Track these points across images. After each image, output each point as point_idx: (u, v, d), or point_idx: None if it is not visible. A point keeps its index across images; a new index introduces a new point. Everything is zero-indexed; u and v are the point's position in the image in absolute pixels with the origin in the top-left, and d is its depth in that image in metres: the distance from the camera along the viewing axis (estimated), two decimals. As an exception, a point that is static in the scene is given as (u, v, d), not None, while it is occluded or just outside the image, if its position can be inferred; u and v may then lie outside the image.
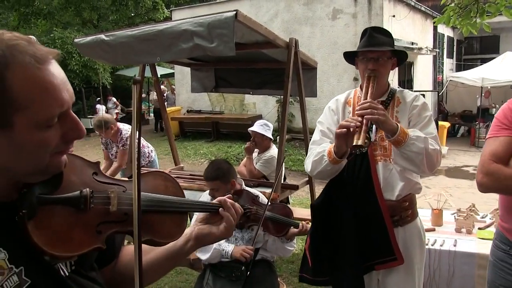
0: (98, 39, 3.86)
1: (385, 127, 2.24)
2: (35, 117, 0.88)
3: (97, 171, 1.12)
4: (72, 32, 18.00)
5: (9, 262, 0.91)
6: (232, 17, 3.16)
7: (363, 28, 6.87)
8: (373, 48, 2.44)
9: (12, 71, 0.85)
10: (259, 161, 4.95)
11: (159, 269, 1.28)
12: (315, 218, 2.70)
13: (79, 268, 1.07)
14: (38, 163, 0.93)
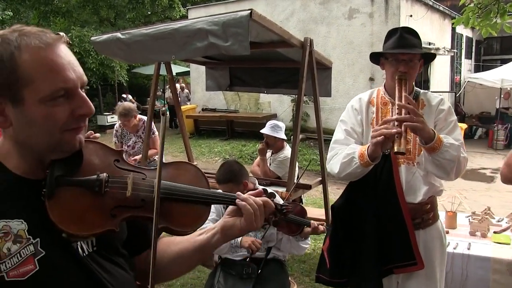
0: (114, 37, 3.89)
1: (422, 134, 2.16)
2: (40, 92, 0.99)
3: (120, 158, 1.20)
4: (90, 31, 18.18)
5: (27, 233, 1.02)
6: (247, 16, 3.16)
7: (380, 28, 6.78)
8: (406, 51, 2.37)
9: (20, 51, 0.98)
10: (273, 162, 4.94)
11: (188, 261, 1.31)
12: (335, 219, 2.67)
13: (100, 250, 1.15)
14: (50, 138, 1.03)
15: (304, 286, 4.46)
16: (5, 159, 1.08)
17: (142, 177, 1.18)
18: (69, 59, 1.04)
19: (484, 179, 9.86)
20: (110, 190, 1.11)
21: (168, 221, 1.18)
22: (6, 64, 0.98)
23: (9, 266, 0.99)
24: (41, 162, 1.08)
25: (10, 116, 1.02)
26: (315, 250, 5.43)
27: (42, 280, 1.02)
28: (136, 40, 3.76)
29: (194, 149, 13.21)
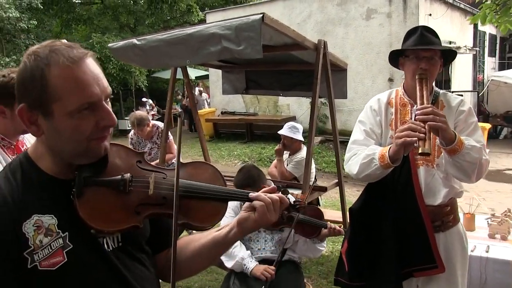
0: (130, 43, 3.96)
1: (444, 135, 2.13)
2: (67, 107, 1.09)
3: (142, 160, 1.31)
4: (110, 37, 18.49)
5: (57, 227, 1.13)
6: (259, 20, 3.18)
7: (398, 28, 6.74)
8: (428, 47, 2.34)
9: (49, 69, 1.08)
10: (290, 163, 4.96)
11: (207, 256, 1.38)
12: (354, 222, 2.65)
13: (125, 246, 1.25)
14: (77, 146, 1.14)
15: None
16: (39, 161, 1.19)
17: (163, 177, 1.28)
18: (94, 74, 1.13)
19: (509, 180, 9.66)
20: (133, 189, 1.21)
21: (188, 217, 1.27)
22: (37, 82, 1.08)
23: (41, 257, 1.09)
24: (70, 165, 1.18)
25: (42, 126, 1.13)
26: (333, 252, 5.41)
27: (70, 271, 1.12)
28: (152, 46, 3.81)
29: (213, 152, 13.32)
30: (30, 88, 1.10)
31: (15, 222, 1.10)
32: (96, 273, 1.17)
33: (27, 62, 1.11)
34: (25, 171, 1.17)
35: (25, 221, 1.10)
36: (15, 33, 17.91)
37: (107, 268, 1.19)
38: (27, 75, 1.10)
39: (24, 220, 1.10)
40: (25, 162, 1.20)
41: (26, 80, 1.10)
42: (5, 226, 1.08)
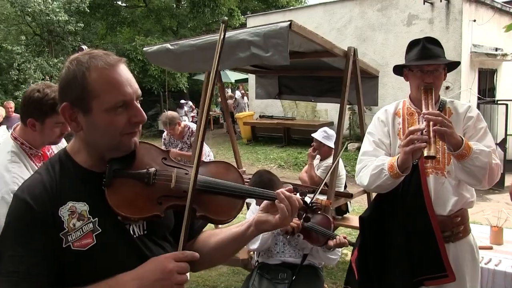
0: (163, 48, 4.10)
1: (450, 140, 2.14)
2: (105, 103, 1.24)
3: (167, 157, 1.44)
4: (153, 39, 18.98)
5: (89, 213, 1.27)
6: (287, 27, 3.24)
7: (440, 34, 6.67)
8: (431, 62, 2.36)
9: (89, 71, 1.25)
10: (320, 167, 4.99)
11: (226, 250, 1.51)
12: (364, 230, 2.65)
13: (150, 234, 1.38)
14: (111, 140, 1.29)
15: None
16: (75, 156, 1.35)
17: (185, 172, 1.40)
18: (127, 76, 1.30)
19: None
20: (157, 182, 1.34)
21: (206, 210, 1.38)
22: (79, 82, 1.25)
23: (74, 238, 1.25)
24: (103, 159, 1.33)
25: (81, 122, 1.29)
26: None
27: (98, 252, 1.26)
28: (184, 51, 3.94)
29: (250, 155, 13.43)
30: (72, 88, 1.26)
31: (53, 207, 1.26)
32: (122, 255, 1.30)
33: (70, 67, 1.28)
34: (63, 164, 1.34)
35: (61, 206, 1.26)
36: (64, 35, 18.69)
37: (132, 252, 1.31)
38: (70, 77, 1.26)
39: (60, 206, 1.26)
40: (63, 156, 1.36)
41: (70, 81, 1.26)
42: (45, 209, 1.24)
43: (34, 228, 1.23)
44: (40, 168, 1.38)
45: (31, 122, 2.30)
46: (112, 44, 20.40)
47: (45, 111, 2.27)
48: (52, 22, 17.52)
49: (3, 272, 1.21)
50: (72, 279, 1.27)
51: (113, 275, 1.26)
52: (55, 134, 2.37)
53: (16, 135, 2.38)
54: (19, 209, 1.26)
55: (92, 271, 1.26)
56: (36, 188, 1.28)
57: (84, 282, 1.25)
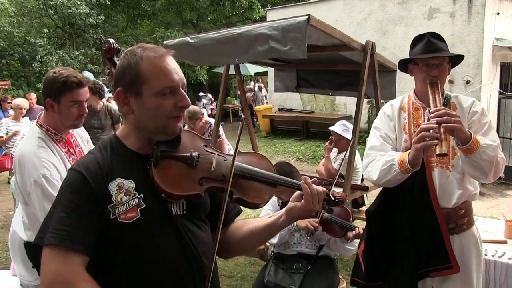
0: (184, 41, 4.18)
1: (459, 135, 2.17)
2: (154, 88, 1.40)
3: (207, 144, 1.60)
4: (173, 32, 19.12)
5: (135, 189, 1.41)
6: (304, 21, 3.28)
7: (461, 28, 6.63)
8: (437, 55, 2.39)
9: (142, 60, 1.41)
10: (337, 160, 5.01)
11: (258, 237, 1.64)
12: (370, 224, 2.71)
13: (189, 215, 1.51)
14: (159, 123, 1.43)
15: (360, 286, 4.48)
16: (125, 139, 1.50)
17: (224, 159, 1.56)
18: (174, 66, 1.45)
19: None
20: (199, 165, 1.49)
21: (242, 194, 1.53)
22: (133, 69, 1.41)
23: (120, 211, 1.38)
24: (150, 142, 1.47)
25: (132, 106, 1.44)
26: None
27: (141, 225, 1.39)
28: (204, 44, 4.01)
29: (268, 148, 13.48)
30: (126, 74, 1.42)
31: (104, 182, 1.40)
32: (162, 229, 1.43)
33: (125, 57, 1.45)
34: (113, 146, 1.49)
35: (110, 182, 1.41)
36: (85, 28, 18.96)
37: (169, 228, 1.45)
38: (125, 65, 1.43)
39: (110, 181, 1.41)
40: (114, 140, 1.52)
41: (124, 69, 1.43)
42: (97, 183, 1.39)
43: (87, 198, 1.37)
44: (93, 149, 1.53)
45: (49, 103, 2.46)
46: (133, 36, 20.61)
47: (58, 88, 2.41)
48: (74, 15, 17.79)
49: (52, 229, 1.34)
50: (111, 255, 1.41)
51: (151, 250, 1.41)
52: (73, 115, 2.49)
53: (41, 122, 2.52)
54: (75, 179, 1.40)
55: (132, 245, 1.40)
56: (91, 164, 1.42)
57: (123, 258, 1.40)
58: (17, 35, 17.55)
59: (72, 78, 2.43)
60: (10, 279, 3.80)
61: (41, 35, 18.23)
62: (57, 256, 1.31)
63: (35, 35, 18.15)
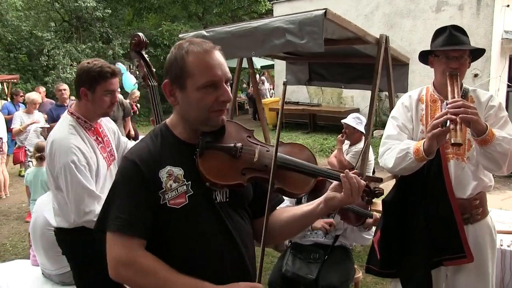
0: (199, 34, 4.22)
1: (476, 126, 2.20)
2: (197, 82, 1.46)
3: (251, 135, 1.66)
4: (179, 25, 19.16)
5: (183, 177, 1.50)
6: (322, 15, 3.32)
7: (470, 21, 6.64)
8: (457, 47, 2.41)
9: (188, 54, 1.47)
10: (349, 153, 5.05)
11: (297, 225, 1.69)
12: (386, 213, 2.75)
13: (232, 203, 1.59)
14: (201, 115, 1.50)
15: (372, 277, 4.54)
16: (174, 128, 1.58)
17: (266, 150, 1.61)
18: (219, 61, 1.50)
19: None
20: (242, 155, 1.55)
21: (283, 184, 1.58)
22: (179, 63, 1.48)
23: (170, 197, 1.48)
24: (196, 132, 1.54)
25: (177, 97, 1.52)
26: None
27: (189, 211, 1.48)
28: (220, 38, 4.05)
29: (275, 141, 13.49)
30: (173, 67, 1.50)
31: (155, 169, 1.49)
32: (207, 216, 1.52)
33: (173, 51, 1.52)
34: (164, 135, 1.57)
35: (161, 169, 1.49)
36: (91, 22, 18.99)
37: (213, 215, 1.53)
38: (172, 59, 1.50)
39: (160, 168, 1.49)
40: (163, 128, 1.60)
41: (172, 62, 1.50)
42: (149, 170, 1.48)
43: (140, 184, 1.47)
44: (145, 138, 1.62)
45: (83, 92, 2.55)
46: (139, 30, 20.62)
47: (93, 78, 2.52)
48: (80, 9, 17.83)
49: (112, 216, 1.47)
50: (160, 240, 1.50)
51: (196, 235, 1.50)
52: (106, 103, 2.59)
53: (72, 110, 2.63)
54: (129, 168, 1.50)
55: (179, 229, 1.50)
56: (143, 153, 1.51)
57: (170, 243, 1.50)
58: (25, 29, 17.61)
59: (106, 68, 2.54)
60: (30, 268, 3.88)
61: (48, 29, 18.28)
62: (117, 241, 1.45)
63: (42, 29, 18.21)
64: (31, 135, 7.52)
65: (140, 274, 1.43)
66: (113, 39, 18.91)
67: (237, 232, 1.56)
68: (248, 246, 1.61)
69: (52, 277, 3.52)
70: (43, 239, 3.47)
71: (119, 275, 1.46)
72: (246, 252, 1.59)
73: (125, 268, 1.44)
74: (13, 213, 7.17)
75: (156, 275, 1.43)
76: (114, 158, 2.79)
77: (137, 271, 1.43)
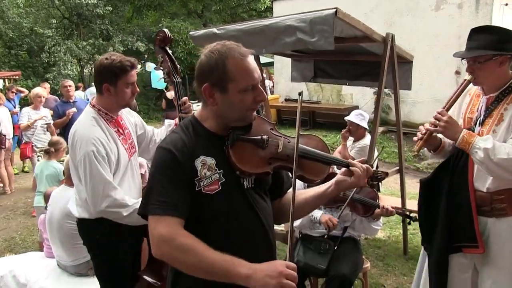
0: (210, 32, 4.33)
1: (447, 136, 2.52)
2: (239, 86, 1.62)
3: (273, 128, 1.82)
4: (179, 22, 19.22)
5: (215, 165, 1.65)
6: (332, 14, 3.43)
7: (469, 20, 6.75)
8: (460, 55, 2.55)
9: (228, 60, 1.61)
10: (353, 149, 5.17)
11: (310, 205, 1.87)
12: (421, 192, 2.89)
13: (256, 187, 1.77)
14: (240, 114, 1.68)
15: (377, 269, 4.68)
16: (204, 121, 1.73)
17: (288, 141, 1.78)
18: (254, 65, 1.66)
19: None
20: (268, 146, 1.72)
21: (303, 172, 1.76)
22: (220, 68, 1.61)
23: (204, 184, 1.62)
24: (226, 127, 1.71)
25: (217, 99, 1.65)
26: (390, 237, 5.61)
27: (222, 196, 1.64)
28: (231, 35, 4.15)
29: (275, 138, 13.58)
30: (214, 72, 1.62)
31: (191, 158, 1.63)
32: (236, 201, 1.69)
33: (212, 55, 1.62)
34: (195, 127, 1.72)
35: (196, 158, 1.63)
36: (92, 19, 19.00)
37: (243, 199, 1.70)
38: (213, 64, 1.62)
39: (195, 158, 1.63)
40: (194, 121, 1.74)
41: (212, 67, 1.62)
42: (186, 159, 1.62)
43: (178, 171, 1.61)
44: (176, 129, 1.75)
45: (106, 87, 2.66)
46: (139, 27, 20.67)
47: (115, 73, 2.62)
48: (81, 5, 17.83)
49: (154, 201, 1.60)
50: (198, 220, 1.63)
51: (229, 219, 1.66)
52: (128, 95, 2.71)
53: (94, 103, 2.75)
54: (166, 156, 1.63)
55: (213, 215, 1.65)
56: (178, 143, 1.64)
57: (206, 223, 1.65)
58: (26, 26, 17.61)
59: (126, 62, 2.64)
60: (45, 260, 3.97)
61: (49, 26, 18.28)
62: (159, 221, 1.57)
63: (42, 26, 18.21)
64: (38, 131, 7.61)
65: (180, 250, 1.53)
66: (113, 36, 18.90)
67: (262, 214, 1.74)
68: (271, 226, 1.80)
69: (68, 268, 3.62)
70: (60, 231, 3.56)
71: (160, 250, 1.56)
72: (270, 231, 1.78)
73: (166, 244, 1.54)
74: (19, 208, 7.27)
75: (195, 251, 1.52)
76: (135, 150, 2.88)
77: (177, 248, 1.53)
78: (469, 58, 2.51)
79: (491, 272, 2.55)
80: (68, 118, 6.60)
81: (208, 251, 1.53)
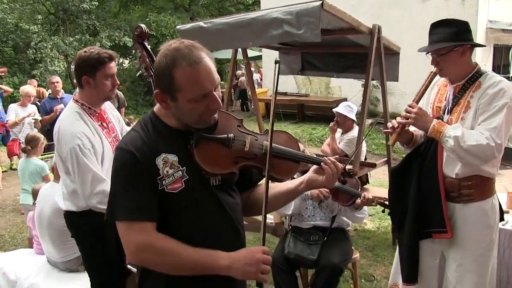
0: (197, 26, 4.31)
1: (418, 127, 2.60)
2: (187, 96, 1.53)
3: (240, 124, 1.75)
4: (166, 16, 19.09)
5: (178, 163, 1.58)
6: (319, 6, 3.44)
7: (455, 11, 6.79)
8: (422, 50, 2.66)
9: (174, 69, 1.50)
10: (342, 141, 5.19)
11: (280, 200, 1.84)
12: (391, 180, 2.98)
13: (223, 185, 1.70)
14: (192, 120, 1.59)
15: (366, 259, 4.73)
16: (164, 117, 1.64)
17: (255, 139, 1.72)
18: (207, 72, 1.53)
19: None
20: (234, 145, 1.66)
21: (271, 170, 1.68)
22: (167, 77, 1.52)
23: (167, 182, 1.56)
24: (188, 124, 1.61)
25: (169, 104, 1.57)
26: (380, 228, 5.66)
27: (186, 194, 1.58)
28: (218, 29, 4.14)
29: (264, 131, 13.60)
30: (162, 80, 1.54)
31: (151, 157, 1.56)
32: (203, 198, 1.63)
33: (161, 61, 1.54)
34: (154, 124, 1.64)
35: (157, 157, 1.56)
36: (78, 14, 18.80)
37: (211, 197, 1.64)
38: (160, 72, 1.54)
39: (156, 156, 1.56)
40: (153, 117, 1.66)
41: (159, 74, 1.55)
42: (147, 159, 1.55)
43: (140, 173, 1.54)
44: (135, 127, 1.68)
45: (85, 80, 2.67)
46: (126, 22, 20.50)
47: (93, 65, 2.64)
48: (67, 1, 17.65)
49: (119, 207, 1.55)
50: (167, 220, 1.58)
51: (195, 218, 1.61)
52: (107, 87, 2.72)
53: (76, 98, 2.76)
54: (126, 158, 1.56)
55: (178, 213, 1.60)
56: (137, 142, 1.57)
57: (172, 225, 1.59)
58: (10, 22, 17.37)
59: (103, 54, 2.66)
60: (35, 257, 3.96)
61: (35, 22, 18.06)
62: (131, 229, 1.54)
63: (28, 22, 17.97)
64: (25, 128, 7.56)
65: (159, 255, 1.52)
66: (100, 32, 18.73)
67: (231, 210, 1.69)
68: (240, 221, 1.76)
69: (58, 264, 3.61)
70: (50, 228, 3.55)
71: (140, 259, 1.55)
72: (240, 227, 1.75)
73: (144, 252, 1.52)
74: (8, 205, 7.22)
75: (174, 253, 1.52)
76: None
77: (155, 253, 1.52)
78: (432, 52, 2.60)
79: (457, 256, 2.63)
80: (55, 114, 6.58)
81: (187, 249, 1.53)
